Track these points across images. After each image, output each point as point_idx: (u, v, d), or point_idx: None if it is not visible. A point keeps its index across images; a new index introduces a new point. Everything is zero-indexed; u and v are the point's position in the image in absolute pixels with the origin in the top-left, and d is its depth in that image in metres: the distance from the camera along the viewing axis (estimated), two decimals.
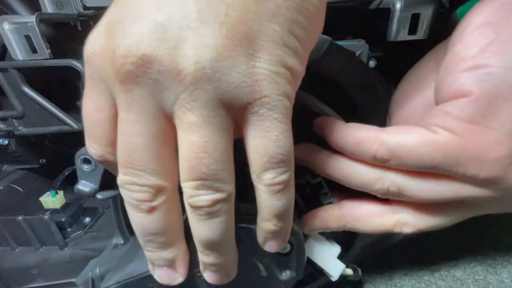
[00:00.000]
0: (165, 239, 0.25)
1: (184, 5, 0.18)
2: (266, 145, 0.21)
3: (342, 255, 0.39)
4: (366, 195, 0.28)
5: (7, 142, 0.62)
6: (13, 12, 0.56)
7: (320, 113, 0.32)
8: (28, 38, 0.47)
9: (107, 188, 0.33)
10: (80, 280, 0.39)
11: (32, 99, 0.52)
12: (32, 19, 0.46)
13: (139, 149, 0.21)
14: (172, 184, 0.24)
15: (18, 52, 0.48)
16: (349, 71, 0.41)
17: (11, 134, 0.56)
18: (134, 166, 0.22)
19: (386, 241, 0.47)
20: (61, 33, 0.57)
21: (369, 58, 0.46)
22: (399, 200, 0.27)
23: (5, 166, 0.69)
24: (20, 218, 0.54)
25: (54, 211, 0.59)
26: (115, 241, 0.43)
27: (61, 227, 0.58)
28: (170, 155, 0.23)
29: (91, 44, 0.21)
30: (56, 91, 0.55)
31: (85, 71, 0.22)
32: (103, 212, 0.65)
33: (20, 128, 0.55)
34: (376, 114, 0.43)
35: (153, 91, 0.20)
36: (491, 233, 0.45)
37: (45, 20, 0.48)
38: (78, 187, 0.32)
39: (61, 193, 0.60)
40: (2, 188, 0.64)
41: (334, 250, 0.37)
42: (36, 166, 0.69)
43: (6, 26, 0.46)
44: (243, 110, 0.21)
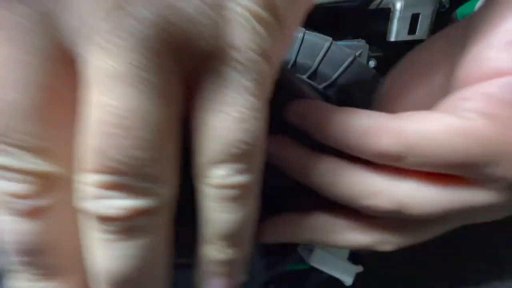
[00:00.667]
0: (53, 261, 0.14)
1: None
2: (223, 124, 0.14)
3: (352, 257, 0.37)
4: (340, 206, 0.22)
5: None
6: None
7: (300, 94, 0.23)
8: None
9: None
10: None
11: None
12: None
13: (15, 108, 0.12)
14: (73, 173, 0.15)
15: None
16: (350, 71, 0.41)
17: None
18: (7, 139, 0.13)
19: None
20: None
21: (369, 58, 0.46)
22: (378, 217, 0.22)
23: None
24: None
25: None
26: None
27: None
28: (67, 124, 0.14)
29: None
30: None
31: None
32: None
33: None
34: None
35: (49, 11, 0.12)
36: (491, 233, 0.45)
37: None
38: None
39: None
40: None
41: (342, 252, 0.35)
42: None
43: None
44: (197, 64, 0.14)
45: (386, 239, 0.23)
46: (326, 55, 0.43)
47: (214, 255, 0.17)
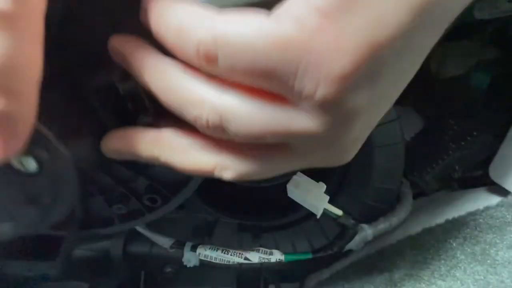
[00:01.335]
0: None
1: None
2: None
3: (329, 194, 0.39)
4: (189, 125, 0.22)
5: None
6: None
7: None
8: None
9: None
10: None
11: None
12: None
13: None
14: None
15: None
16: None
17: None
18: None
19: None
20: None
21: None
22: (223, 140, 0.22)
23: None
24: None
25: None
26: None
27: None
28: None
29: None
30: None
31: None
32: None
33: None
34: None
35: None
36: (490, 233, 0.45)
37: None
38: None
39: None
40: None
41: (319, 186, 0.37)
42: None
43: None
44: None
45: (226, 163, 0.22)
46: None
47: None
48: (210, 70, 0.19)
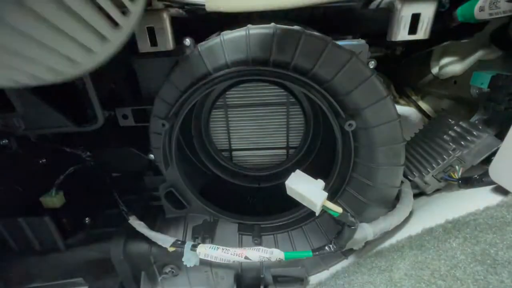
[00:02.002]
0: None
1: None
2: None
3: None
4: None
5: (7, 142, 0.62)
6: None
7: None
8: None
9: None
10: None
11: (32, 99, 0.52)
12: None
13: None
14: None
15: None
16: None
17: (11, 134, 0.56)
18: None
19: None
20: None
21: (369, 58, 0.46)
22: None
23: (5, 166, 0.69)
24: (20, 219, 0.54)
25: (54, 211, 0.59)
26: None
27: (61, 227, 0.58)
28: None
29: None
30: (56, 91, 0.55)
31: None
32: (104, 212, 0.66)
33: (20, 128, 0.55)
34: (375, 113, 0.43)
35: None
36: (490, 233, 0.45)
37: None
38: None
39: (61, 193, 0.60)
40: (2, 188, 0.64)
41: (318, 182, 0.38)
42: (36, 166, 0.69)
43: None
44: None
45: None
46: (326, 55, 0.43)
47: None
48: None
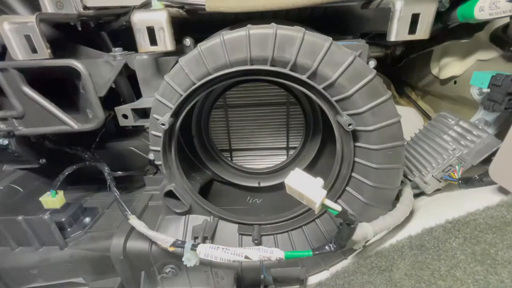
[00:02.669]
0: None
1: None
2: None
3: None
4: None
5: (7, 142, 0.62)
6: (13, 12, 0.56)
7: None
8: (28, 38, 0.47)
9: None
10: None
11: (32, 99, 0.52)
12: (32, 19, 0.46)
13: None
14: None
15: (18, 52, 0.48)
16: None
17: (11, 134, 0.56)
18: None
19: None
20: (61, 33, 0.57)
21: (369, 58, 0.45)
22: None
23: (5, 166, 0.69)
24: (20, 218, 0.54)
25: (54, 211, 0.59)
26: None
27: (61, 227, 0.58)
28: None
29: None
30: (56, 91, 0.55)
31: None
32: (103, 212, 0.65)
33: (20, 128, 0.55)
34: (375, 113, 0.43)
35: None
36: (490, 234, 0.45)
37: (45, 20, 0.48)
38: None
39: (61, 193, 0.60)
40: (2, 188, 0.64)
41: (317, 181, 0.38)
42: (36, 166, 0.69)
43: (6, 26, 0.46)
44: None
45: None
46: (326, 55, 0.43)
47: None
48: None
